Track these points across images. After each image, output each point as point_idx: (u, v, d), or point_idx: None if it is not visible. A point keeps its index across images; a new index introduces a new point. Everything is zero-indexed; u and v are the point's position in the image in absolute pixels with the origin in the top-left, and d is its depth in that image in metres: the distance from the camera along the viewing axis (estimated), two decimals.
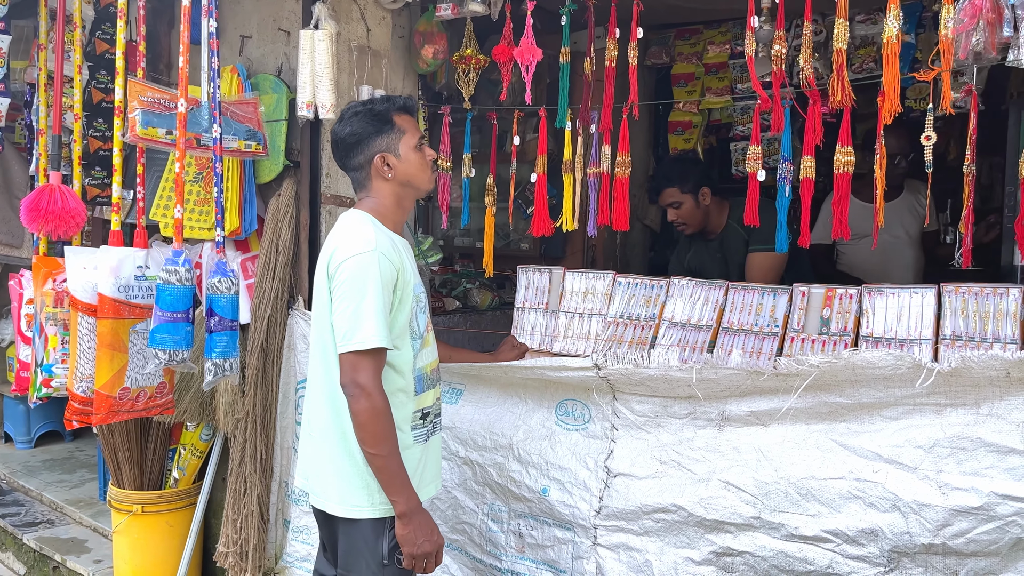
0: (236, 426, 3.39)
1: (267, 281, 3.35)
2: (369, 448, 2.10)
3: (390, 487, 2.12)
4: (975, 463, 2.01)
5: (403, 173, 2.30)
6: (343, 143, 2.30)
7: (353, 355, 2.09)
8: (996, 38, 2.40)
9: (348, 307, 2.11)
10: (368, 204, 2.32)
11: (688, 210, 3.54)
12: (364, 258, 2.12)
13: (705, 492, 2.37)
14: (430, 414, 2.34)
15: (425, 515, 2.16)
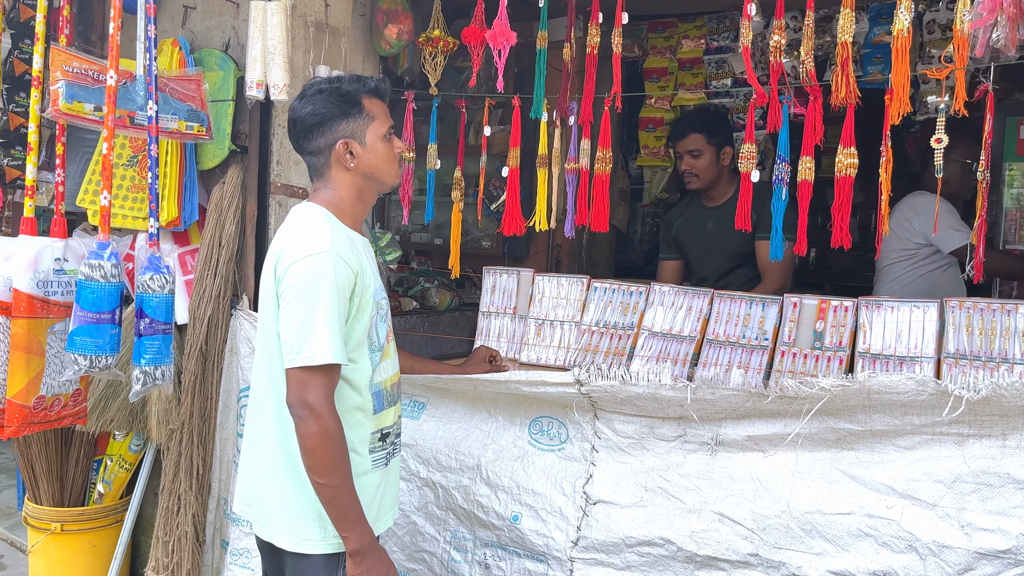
0: (170, 437, 3.06)
1: (208, 278, 3.03)
2: (318, 477, 1.83)
3: (341, 521, 1.85)
4: (1002, 501, 1.82)
5: (367, 164, 2.01)
6: (302, 122, 2.01)
7: (301, 371, 1.82)
8: (1017, 34, 2.22)
9: (297, 316, 1.84)
10: (324, 196, 2.03)
11: (706, 163, 3.34)
12: (317, 260, 1.85)
13: (697, 524, 2.15)
14: (390, 435, 2.06)
15: (380, 552, 1.89)
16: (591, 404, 2.33)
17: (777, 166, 2.63)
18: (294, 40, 3.01)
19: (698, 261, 3.53)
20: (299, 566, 1.97)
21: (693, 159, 3.34)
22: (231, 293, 3.07)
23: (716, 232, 3.41)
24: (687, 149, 3.35)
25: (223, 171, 3.11)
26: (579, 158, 2.97)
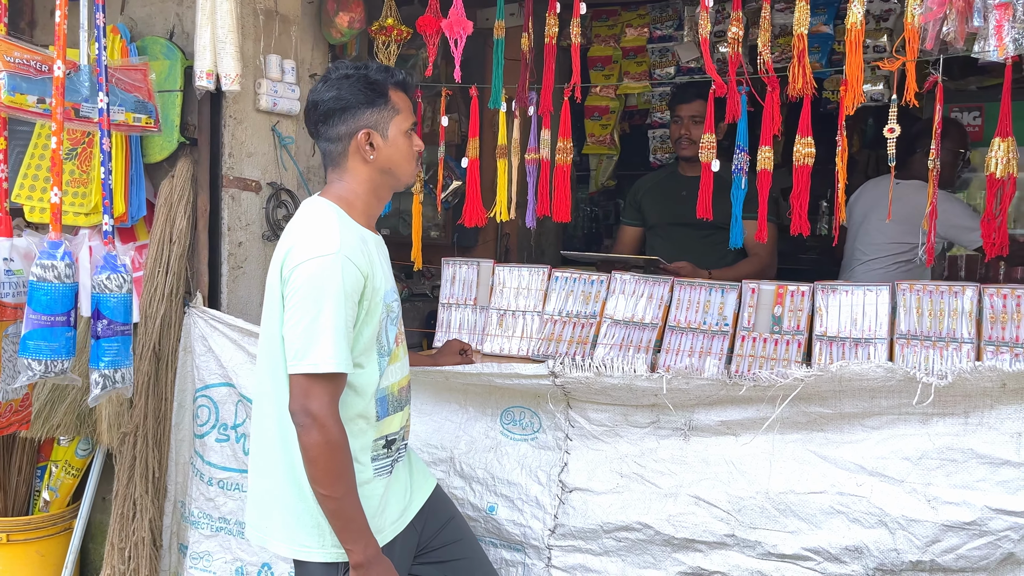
0: (123, 441, 2.96)
1: (159, 275, 2.93)
2: (321, 488, 1.78)
3: (344, 533, 1.80)
4: (966, 475, 1.92)
5: (386, 158, 1.94)
6: (323, 106, 1.93)
7: (304, 378, 1.77)
8: (966, 28, 2.32)
9: (301, 320, 1.78)
10: (336, 190, 1.96)
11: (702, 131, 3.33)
12: (324, 262, 1.78)
13: (673, 508, 2.19)
14: (395, 441, 2.01)
15: (386, 564, 1.84)
16: (564, 394, 2.36)
17: (736, 156, 2.70)
18: (243, 28, 2.92)
19: (665, 227, 3.47)
20: (299, 570, 1.94)
21: (694, 125, 3.29)
22: (184, 290, 2.99)
23: (689, 199, 3.24)
24: (691, 114, 3.31)
25: (171, 164, 3.01)
26: (540, 148, 2.98)
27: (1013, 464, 1.87)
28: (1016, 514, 1.85)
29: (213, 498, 2.92)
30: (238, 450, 2.88)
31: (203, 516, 2.95)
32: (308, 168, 3.35)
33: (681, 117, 3.36)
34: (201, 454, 2.95)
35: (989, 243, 2.43)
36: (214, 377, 2.93)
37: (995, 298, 2.47)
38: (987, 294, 2.48)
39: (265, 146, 3.12)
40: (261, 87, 3.04)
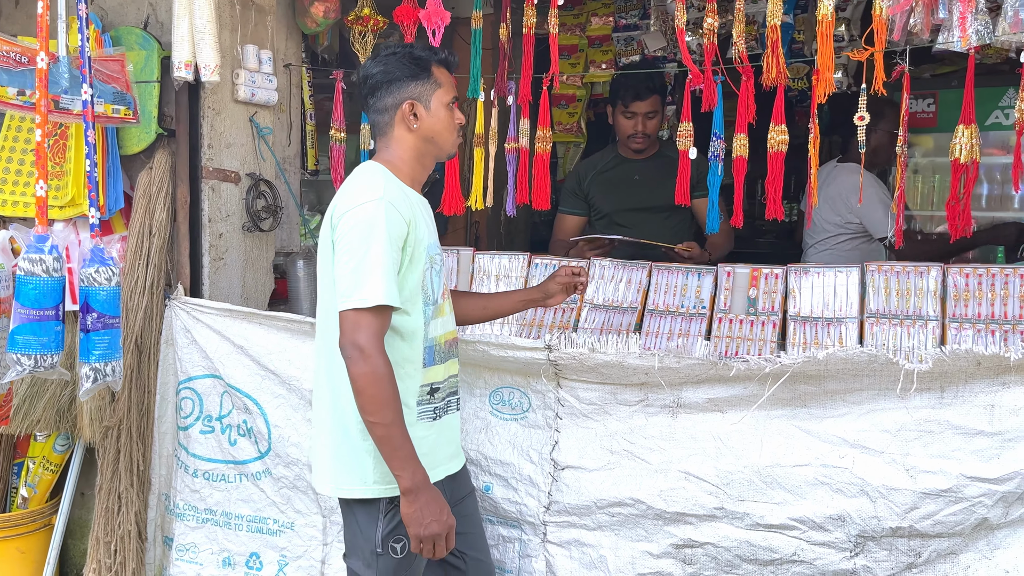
0: (106, 435, 2.94)
1: (140, 267, 2.92)
2: (369, 416, 1.89)
3: (392, 460, 1.89)
4: (942, 446, 2.03)
5: (429, 127, 2.10)
6: (371, 80, 2.10)
7: (353, 313, 1.90)
8: (931, 20, 2.43)
9: (350, 260, 1.92)
10: (384, 155, 2.13)
11: (656, 125, 3.32)
12: (369, 208, 1.94)
13: (664, 483, 2.28)
14: (440, 390, 2.12)
15: (434, 492, 1.93)
16: (555, 373, 2.42)
17: (712, 143, 2.78)
18: (220, 18, 2.90)
19: (623, 214, 3.42)
20: (345, 511, 2.07)
21: (649, 121, 3.27)
22: (164, 282, 2.97)
23: (643, 182, 3.36)
24: (646, 111, 3.26)
25: (148, 156, 2.99)
26: (519, 137, 3.03)
27: (986, 434, 1.99)
28: (989, 481, 1.98)
29: (199, 490, 2.92)
30: (224, 441, 2.89)
31: (188, 508, 2.95)
32: (284, 158, 3.35)
33: (636, 113, 3.28)
34: (185, 446, 2.94)
35: (953, 225, 2.56)
36: (198, 369, 2.92)
37: (958, 277, 2.60)
38: (951, 273, 2.61)
39: (243, 137, 3.11)
40: (239, 78, 3.03)
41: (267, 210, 3.18)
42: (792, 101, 4.83)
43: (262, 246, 3.24)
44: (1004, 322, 2.51)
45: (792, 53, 4.30)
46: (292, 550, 2.78)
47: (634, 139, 3.32)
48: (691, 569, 2.29)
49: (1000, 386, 2.00)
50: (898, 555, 2.09)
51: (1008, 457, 1.97)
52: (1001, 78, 4.24)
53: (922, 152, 4.61)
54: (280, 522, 2.79)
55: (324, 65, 3.67)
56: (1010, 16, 2.31)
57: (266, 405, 2.81)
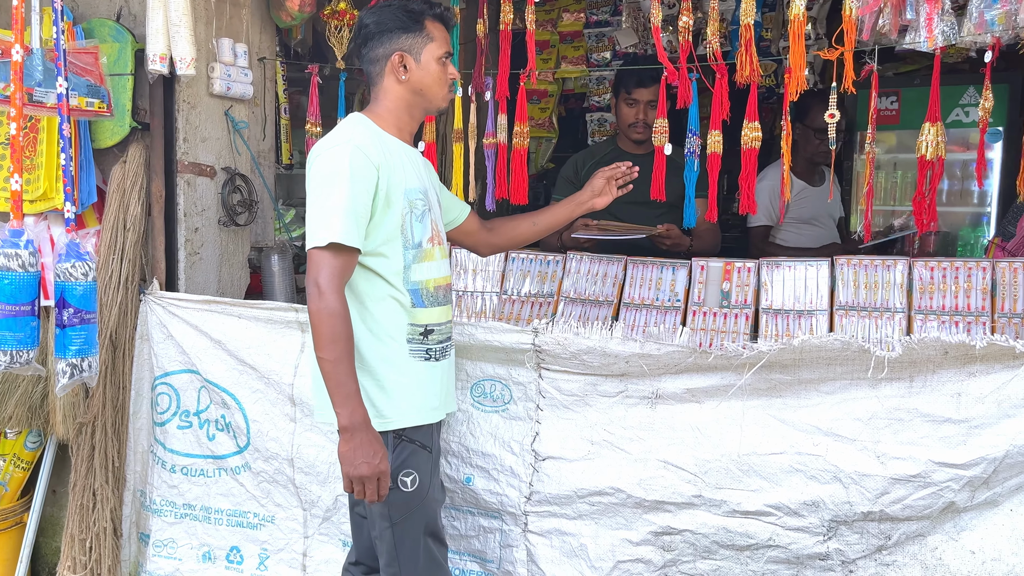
0: (80, 432, 2.91)
1: (114, 262, 2.89)
2: (318, 351, 1.95)
3: (335, 395, 1.95)
4: (912, 433, 2.11)
5: (418, 80, 2.14)
6: (365, 30, 2.15)
7: (316, 251, 1.95)
8: (900, 21, 2.50)
9: (315, 202, 1.98)
10: (372, 107, 2.17)
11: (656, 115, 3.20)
12: (335, 151, 1.99)
13: (643, 472, 2.33)
14: (435, 333, 2.17)
15: (371, 434, 1.96)
16: (536, 364, 2.45)
17: (688, 139, 2.83)
18: (195, 11, 2.88)
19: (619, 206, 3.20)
20: None
21: (650, 109, 3.21)
22: (139, 277, 2.95)
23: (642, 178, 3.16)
24: (649, 99, 3.21)
25: (122, 150, 2.96)
26: (497, 133, 3.05)
27: (953, 421, 2.07)
28: (956, 466, 2.05)
29: (176, 485, 2.91)
30: (202, 436, 2.88)
31: (166, 504, 2.94)
32: (259, 152, 3.33)
33: (638, 101, 3.27)
34: (162, 442, 2.93)
35: (920, 220, 2.64)
36: (174, 364, 2.91)
37: (923, 270, 2.69)
38: (916, 267, 2.69)
39: (219, 131, 3.10)
40: (214, 71, 3.01)
41: (243, 204, 3.17)
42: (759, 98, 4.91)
43: (238, 240, 3.23)
44: (967, 313, 2.60)
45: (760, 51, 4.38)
46: (273, 543, 2.78)
47: (635, 128, 3.29)
48: (669, 556, 2.34)
49: (966, 375, 2.07)
50: (869, 538, 2.16)
51: (974, 443, 2.05)
52: (961, 77, 4.37)
53: (885, 148, 4.72)
54: (260, 516, 2.79)
55: (298, 59, 3.66)
56: (975, 17, 2.39)
57: (244, 400, 2.80)
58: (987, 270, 2.61)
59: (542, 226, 2.59)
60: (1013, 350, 2.01)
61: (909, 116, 4.46)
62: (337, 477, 2.69)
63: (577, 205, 2.59)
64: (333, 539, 2.72)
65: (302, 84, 3.46)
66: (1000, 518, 2.08)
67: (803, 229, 3.67)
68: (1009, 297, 2.58)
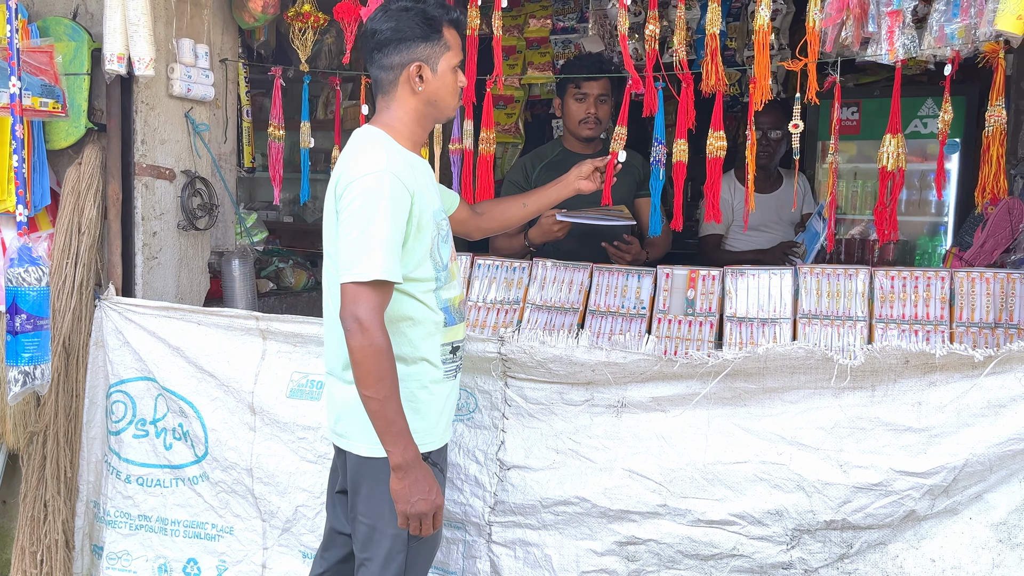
0: (31, 441, 2.83)
1: (68, 267, 2.82)
2: (364, 390, 1.89)
3: (385, 435, 1.90)
4: (873, 441, 2.12)
5: (433, 90, 2.07)
6: (380, 35, 2.04)
7: (353, 286, 1.88)
8: (862, 33, 2.53)
9: (352, 232, 1.91)
10: (384, 119, 2.08)
11: (608, 111, 3.24)
12: (373, 179, 1.92)
13: (609, 481, 2.32)
14: (458, 349, 2.17)
15: (424, 469, 1.93)
16: (503, 372, 2.43)
17: (654, 148, 2.83)
18: (154, 11, 2.82)
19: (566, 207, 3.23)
20: (377, 472, 2.03)
21: (601, 104, 3.20)
22: (94, 282, 2.87)
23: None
24: (599, 92, 3.18)
25: (77, 151, 2.89)
26: (463, 139, 3.03)
27: (914, 430, 2.09)
28: (917, 475, 2.07)
29: (132, 496, 2.84)
30: (158, 445, 2.81)
31: (120, 515, 2.86)
32: (221, 155, 3.27)
33: (588, 95, 3.20)
34: (117, 451, 2.85)
35: (881, 230, 2.68)
36: (130, 371, 2.84)
37: (884, 279, 2.72)
38: (877, 276, 2.72)
39: (179, 133, 3.03)
40: (174, 72, 2.95)
41: (203, 208, 3.10)
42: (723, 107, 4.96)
43: (197, 245, 3.16)
44: (927, 322, 2.63)
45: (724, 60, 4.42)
46: (231, 555, 2.72)
47: (586, 123, 3.24)
48: (634, 566, 2.33)
49: (927, 385, 2.10)
50: (831, 547, 2.17)
51: (934, 452, 2.07)
52: (919, 88, 4.45)
53: (846, 158, 4.79)
54: (219, 527, 2.74)
55: (261, 61, 3.60)
56: (935, 31, 2.43)
57: (203, 408, 2.74)
58: (946, 280, 2.65)
59: (532, 207, 2.58)
60: (972, 359, 2.04)
61: (869, 126, 4.53)
62: (297, 487, 2.64)
63: (564, 186, 2.59)
64: (293, 550, 2.67)
65: (265, 86, 3.42)
66: (960, 526, 2.10)
67: (752, 235, 3.72)
68: (967, 306, 2.62)
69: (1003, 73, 2.44)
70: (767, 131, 3.68)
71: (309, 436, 2.62)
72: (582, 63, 3.36)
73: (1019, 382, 2.02)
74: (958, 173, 4.60)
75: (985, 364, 2.03)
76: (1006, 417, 2.02)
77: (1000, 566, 2.07)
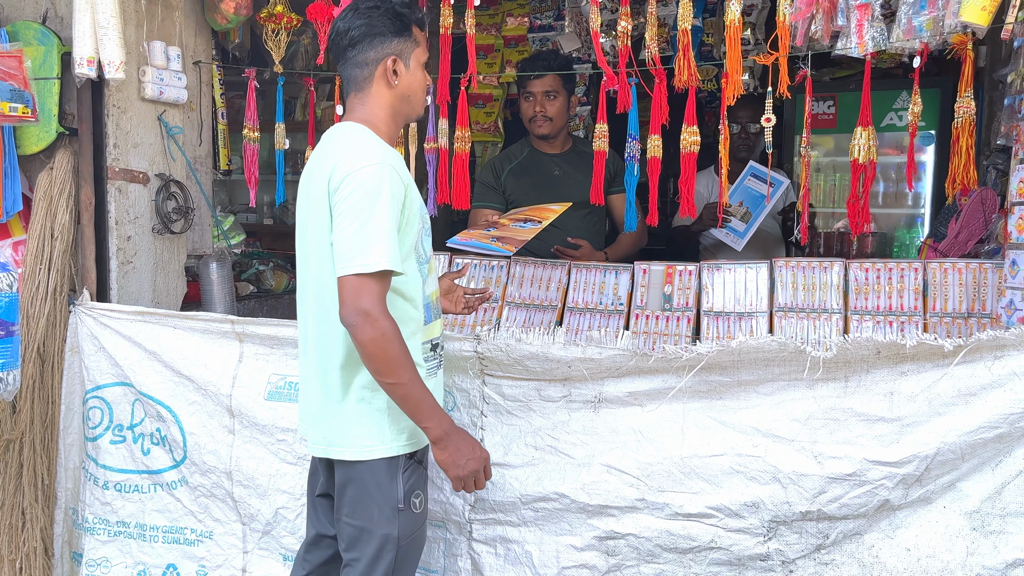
0: (7, 448, 2.81)
1: (41, 272, 2.80)
2: (386, 378, 1.90)
3: (418, 414, 1.94)
4: (847, 432, 2.13)
5: (407, 85, 2.09)
6: (353, 32, 2.05)
7: (356, 278, 1.87)
8: (831, 26, 2.55)
9: (352, 224, 1.89)
10: (360, 114, 2.08)
11: (559, 107, 3.21)
12: (372, 171, 1.91)
13: (587, 477, 2.32)
14: (439, 345, 2.17)
15: (462, 433, 1.99)
16: (480, 370, 2.43)
17: (628, 144, 2.84)
18: (125, 13, 2.81)
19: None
20: (360, 475, 2.02)
21: (549, 101, 3.19)
22: (69, 288, 2.85)
23: (564, 178, 3.29)
24: (544, 89, 3.18)
25: (48, 156, 2.87)
26: (438, 137, 3.03)
27: (886, 420, 2.10)
28: (890, 464, 2.08)
29: (110, 502, 2.82)
30: (136, 450, 2.79)
31: (99, 521, 2.84)
32: (196, 158, 3.26)
33: (533, 93, 3.21)
34: (94, 458, 2.83)
35: (854, 222, 2.69)
36: (106, 377, 2.82)
37: (859, 271, 2.74)
38: (852, 268, 2.74)
39: (152, 136, 3.02)
40: (146, 75, 2.93)
41: (178, 211, 3.09)
42: (702, 102, 4.98)
43: (173, 248, 3.15)
44: (901, 313, 2.66)
45: (702, 56, 4.44)
46: (211, 560, 2.71)
47: (535, 121, 3.23)
48: (614, 560, 2.34)
49: (898, 375, 2.11)
50: (808, 538, 2.19)
51: (907, 441, 2.08)
52: (895, 81, 4.48)
53: (823, 152, 4.82)
54: (198, 532, 2.72)
55: (235, 63, 3.59)
56: (903, 23, 2.45)
57: (180, 412, 2.73)
58: (919, 271, 2.68)
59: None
60: (942, 349, 2.05)
61: (846, 120, 4.55)
62: (277, 489, 2.63)
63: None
64: (273, 553, 2.66)
65: (240, 88, 3.40)
66: (934, 515, 2.12)
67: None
68: (940, 297, 2.64)
69: (971, 65, 2.46)
70: (745, 124, 3.70)
71: (288, 438, 2.61)
72: (530, 63, 3.36)
73: (989, 371, 2.03)
74: (934, 165, 4.63)
75: (955, 353, 2.04)
76: (976, 406, 2.03)
77: (974, 553, 2.09)
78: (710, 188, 3.76)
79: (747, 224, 3.37)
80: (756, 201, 3.35)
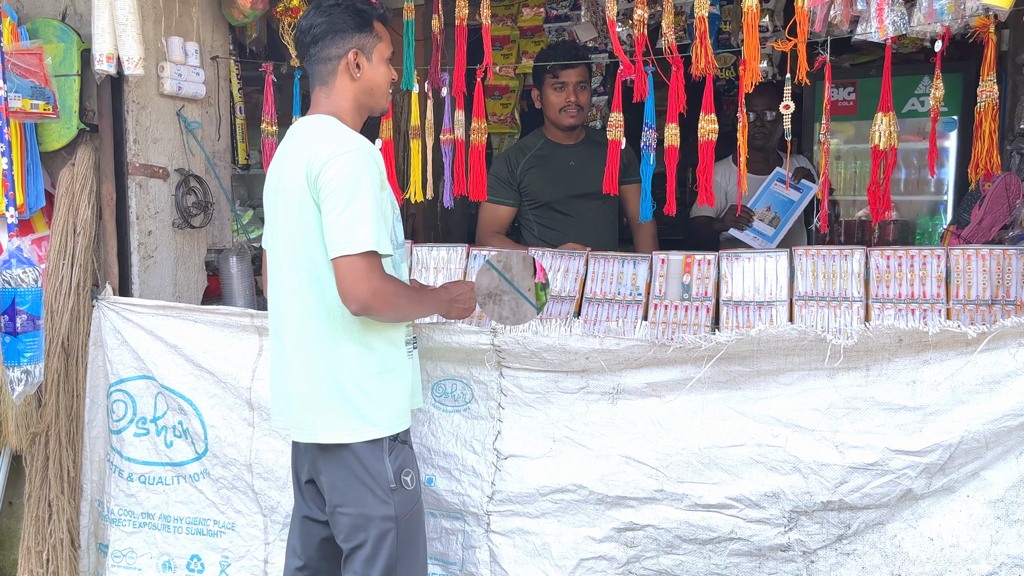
0: (33, 441, 2.85)
1: (64, 267, 2.83)
2: (414, 317, 2.15)
3: (435, 308, 2.22)
4: (869, 421, 2.12)
5: (369, 79, 2.16)
6: (316, 28, 2.12)
7: (354, 259, 1.95)
8: (850, 11, 2.51)
9: (336, 208, 1.96)
10: (326, 107, 2.14)
11: (587, 98, 3.28)
12: (354, 156, 1.98)
13: (605, 468, 2.32)
14: (413, 324, 2.27)
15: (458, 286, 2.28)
16: (498, 362, 2.43)
17: (645, 133, 2.83)
18: (143, 9, 2.83)
19: (565, 202, 3.35)
20: (345, 458, 2.08)
21: (581, 91, 3.22)
22: (92, 283, 2.89)
23: (579, 168, 3.29)
24: (577, 80, 3.20)
25: (70, 152, 2.90)
26: (454, 129, 3.03)
27: (909, 409, 2.08)
28: (913, 453, 2.07)
29: (135, 494, 2.85)
30: (159, 443, 2.83)
31: (124, 513, 2.88)
32: (214, 153, 3.28)
33: (566, 83, 3.21)
34: (119, 450, 2.87)
35: (875, 210, 2.66)
36: (130, 371, 2.85)
37: (880, 259, 2.71)
38: (873, 255, 2.71)
39: (171, 132, 3.04)
40: (164, 71, 2.95)
41: (198, 206, 3.11)
42: (720, 91, 4.94)
43: (193, 243, 3.17)
44: (923, 301, 2.62)
45: (719, 43, 4.41)
46: (234, 551, 2.74)
47: (567, 111, 3.23)
48: (633, 552, 2.34)
49: (921, 363, 2.09)
50: (829, 528, 2.17)
51: (929, 430, 2.06)
52: (917, 67, 4.42)
53: (843, 139, 4.76)
54: (220, 523, 2.75)
55: (253, 57, 3.60)
56: (924, 7, 2.41)
57: (201, 405, 2.76)
58: (941, 258, 2.64)
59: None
60: (965, 336, 2.03)
61: (866, 107, 4.50)
62: None
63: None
64: None
65: (258, 83, 3.41)
66: (957, 504, 2.10)
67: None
68: (963, 284, 2.60)
69: (994, 48, 2.42)
70: (761, 112, 3.66)
71: None
72: (556, 52, 3.36)
73: (1013, 358, 2.00)
74: (956, 151, 4.57)
75: (979, 341, 2.02)
76: (1000, 393, 2.01)
77: (998, 542, 2.06)
78: (728, 178, 3.73)
79: (776, 228, 3.36)
80: (784, 206, 3.34)
